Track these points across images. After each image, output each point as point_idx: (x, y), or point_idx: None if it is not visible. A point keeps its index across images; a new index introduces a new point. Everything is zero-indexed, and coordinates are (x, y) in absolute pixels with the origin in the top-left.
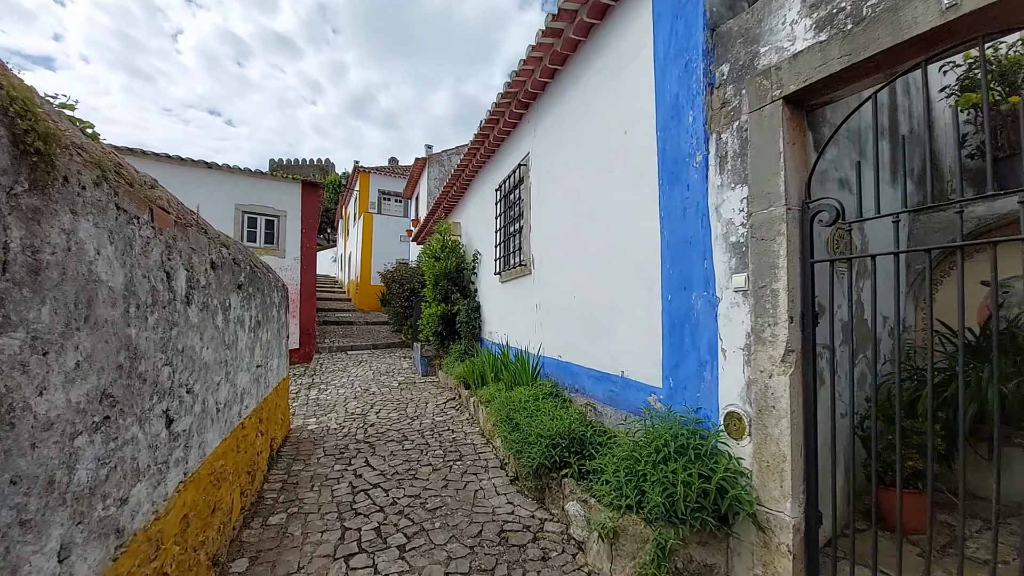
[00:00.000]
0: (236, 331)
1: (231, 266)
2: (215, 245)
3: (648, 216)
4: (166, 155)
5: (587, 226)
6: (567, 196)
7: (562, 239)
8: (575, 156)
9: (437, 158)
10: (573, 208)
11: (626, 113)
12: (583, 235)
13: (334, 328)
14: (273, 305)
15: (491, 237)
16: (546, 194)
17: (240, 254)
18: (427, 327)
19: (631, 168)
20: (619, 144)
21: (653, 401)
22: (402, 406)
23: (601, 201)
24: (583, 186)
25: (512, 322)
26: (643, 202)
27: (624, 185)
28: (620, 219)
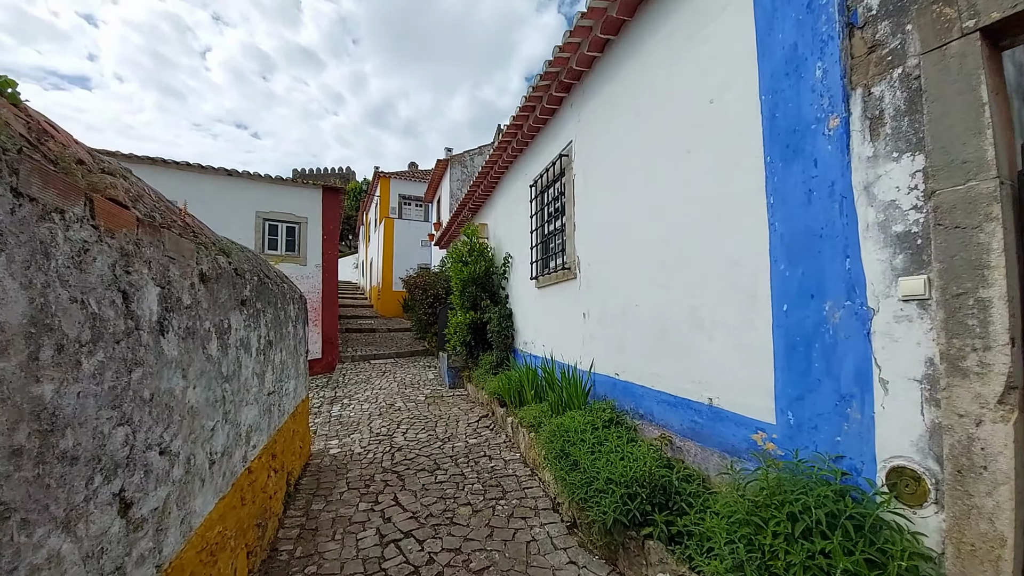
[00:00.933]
0: (239, 358)
1: (231, 279)
2: (207, 253)
3: (747, 203)
4: (187, 163)
5: (653, 221)
6: (624, 187)
7: (618, 238)
8: (634, 140)
9: (459, 159)
10: (633, 201)
11: (710, 81)
12: (648, 232)
13: (356, 336)
14: (288, 320)
15: (525, 238)
16: (595, 187)
17: (246, 263)
18: (455, 336)
19: (719, 146)
20: (700, 119)
21: (761, 440)
22: (431, 424)
23: (673, 190)
24: (647, 174)
25: (552, 333)
26: (738, 186)
27: (708, 168)
28: (702, 209)
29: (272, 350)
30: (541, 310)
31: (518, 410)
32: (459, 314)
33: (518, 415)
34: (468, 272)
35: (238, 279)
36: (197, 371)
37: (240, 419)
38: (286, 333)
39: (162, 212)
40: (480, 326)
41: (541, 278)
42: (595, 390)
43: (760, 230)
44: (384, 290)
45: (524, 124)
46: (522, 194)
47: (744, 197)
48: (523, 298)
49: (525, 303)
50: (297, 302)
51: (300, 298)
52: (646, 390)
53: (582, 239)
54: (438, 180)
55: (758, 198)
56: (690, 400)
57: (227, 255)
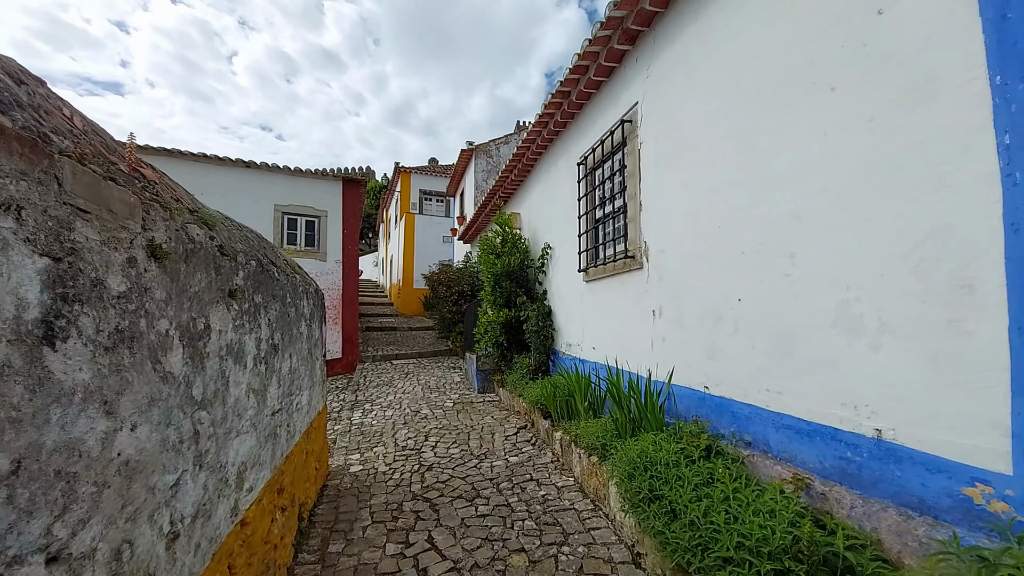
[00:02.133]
0: (224, 371)
1: (211, 259)
2: (169, 217)
3: (954, 149)
4: (203, 155)
5: (769, 190)
6: (718, 151)
7: (707, 216)
8: (736, 87)
9: (484, 149)
10: (734, 166)
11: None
12: (759, 205)
13: (377, 335)
14: (301, 318)
15: (569, 225)
16: (672, 155)
17: (240, 242)
18: (485, 336)
19: (895, 73)
20: (856, 41)
21: (982, 498)
22: (463, 436)
23: (805, 145)
24: (757, 129)
25: (606, 334)
26: (936, 126)
27: (872, 107)
28: (861, 168)
29: (278, 357)
30: (591, 307)
31: (568, 424)
32: (490, 312)
33: (570, 431)
34: (501, 265)
35: (224, 261)
36: (139, 400)
37: (227, 457)
38: (298, 334)
39: (79, 139)
40: (514, 325)
41: (591, 270)
42: (674, 405)
43: (983, 186)
44: (405, 287)
45: (573, 90)
46: (565, 175)
47: (947, 141)
48: (566, 293)
49: (569, 299)
50: (313, 297)
51: (316, 292)
52: (757, 411)
53: (651, 221)
54: (461, 171)
55: (979, 139)
56: (837, 429)
57: (208, 227)
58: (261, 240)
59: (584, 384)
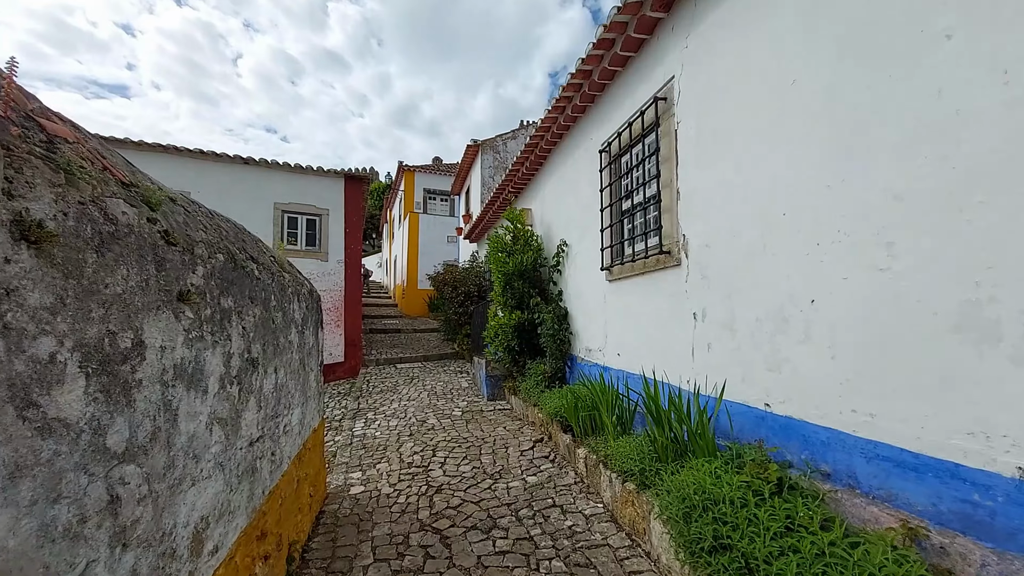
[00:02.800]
0: (173, 402)
1: (152, 249)
2: (73, 187)
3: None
4: (199, 151)
5: (856, 167)
6: (785, 123)
7: (770, 201)
8: (809, 41)
9: (491, 144)
10: (808, 139)
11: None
12: (844, 185)
13: (381, 337)
14: (291, 325)
15: (589, 220)
16: (718, 134)
17: (201, 229)
18: (496, 340)
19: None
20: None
21: None
22: (474, 451)
23: (909, 108)
24: (843, 92)
25: (635, 338)
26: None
27: (996, 61)
28: (992, 134)
29: (257, 373)
30: (615, 309)
31: (593, 441)
32: (502, 314)
33: (597, 450)
34: (513, 264)
35: (172, 253)
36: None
37: (176, 519)
38: (286, 344)
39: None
40: (527, 328)
41: (616, 268)
42: (724, 424)
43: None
44: (409, 288)
45: (596, 68)
46: (584, 165)
47: None
48: (585, 294)
49: (588, 300)
50: (306, 299)
51: (311, 294)
52: (839, 436)
53: (692, 211)
54: (467, 168)
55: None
56: (959, 465)
57: (148, 206)
58: (239, 231)
59: (611, 396)
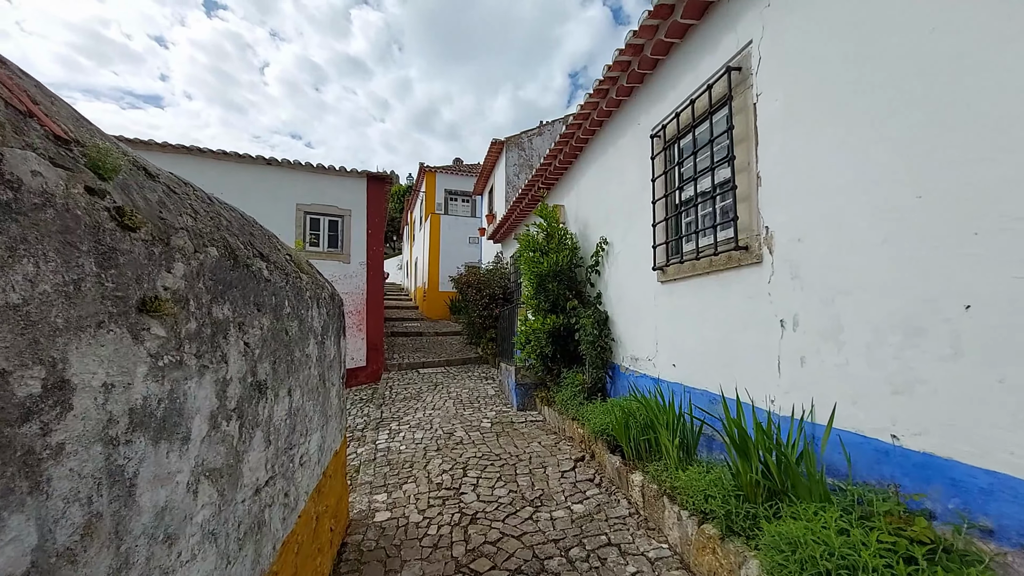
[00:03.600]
0: (128, 466)
1: (90, 233)
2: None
3: None
4: (223, 152)
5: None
6: (921, 82)
7: (899, 181)
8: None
9: (516, 141)
10: (954, 102)
11: None
12: (1014, 155)
13: (402, 340)
14: (310, 335)
15: (636, 215)
16: (822, 101)
17: (183, 214)
18: (527, 346)
19: None
20: None
21: None
22: (508, 470)
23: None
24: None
25: (695, 347)
26: None
27: None
28: None
29: (265, 400)
30: (669, 313)
31: (652, 468)
32: (535, 318)
33: (659, 478)
34: (548, 264)
35: (129, 241)
36: None
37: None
38: (303, 358)
39: None
40: (563, 334)
41: (670, 267)
42: (829, 457)
43: None
44: (430, 291)
45: (649, 42)
46: (630, 153)
47: None
48: (630, 296)
49: (634, 303)
50: (327, 304)
51: (332, 298)
52: (1010, 483)
53: (777, 199)
54: (491, 166)
55: None
56: None
57: (97, 173)
58: (245, 223)
59: (671, 415)
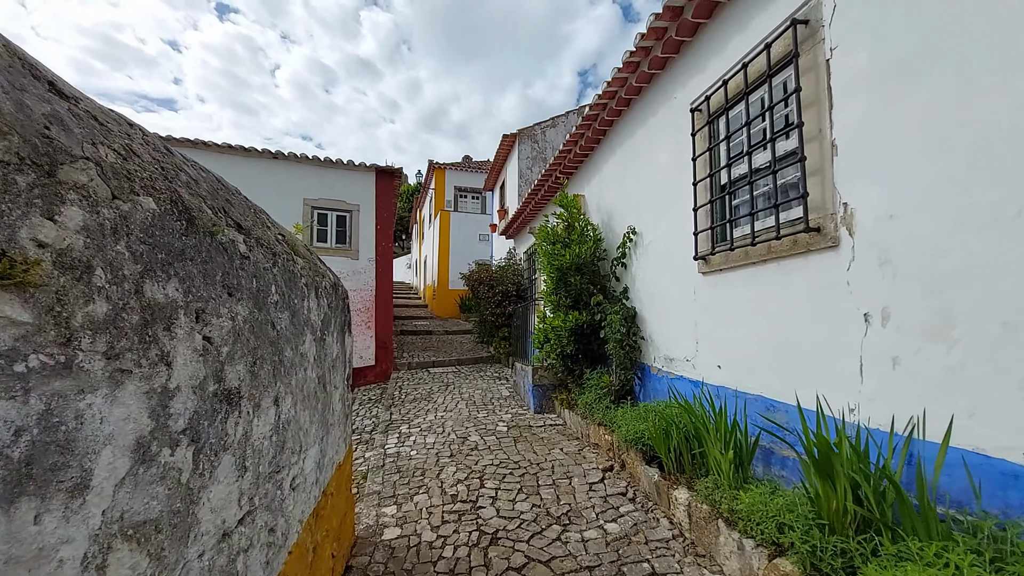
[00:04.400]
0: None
1: None
2: None
3: None
4: (228, 145)
5: None
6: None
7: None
8: None
9: (528, 133)
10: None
11: None
12: None
13: (412, 339)
14: (305, 329)
15: (671, 200)
16: (931, 43)
17: (87, 137)
18: (547, 345)
19: None
20: None
21: None
22: (529, 480)
23: None
24: None
25: (747, 346)
26: None
27: None
28: None
29: (239, 414)
30: (713, 307)
31: (697, 483)
32: (556, 315)
33: (713, 499)
34: (570, 256)
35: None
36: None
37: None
38: (296, 358)
39: None
40: (586, 332)
41: (715, 257)
42: (942, 482)
43: None
44: (440, 289)
45: (689, 5)
46: (663, 132)
47: None
48: (663, 290)
49: (669, 298)
50: (328, 295)
51: (335, 289)
52: None
53: (860, 170)
54: (503, 160)
55: None
56: None
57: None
58: (220, 187)
59: (723, 425)
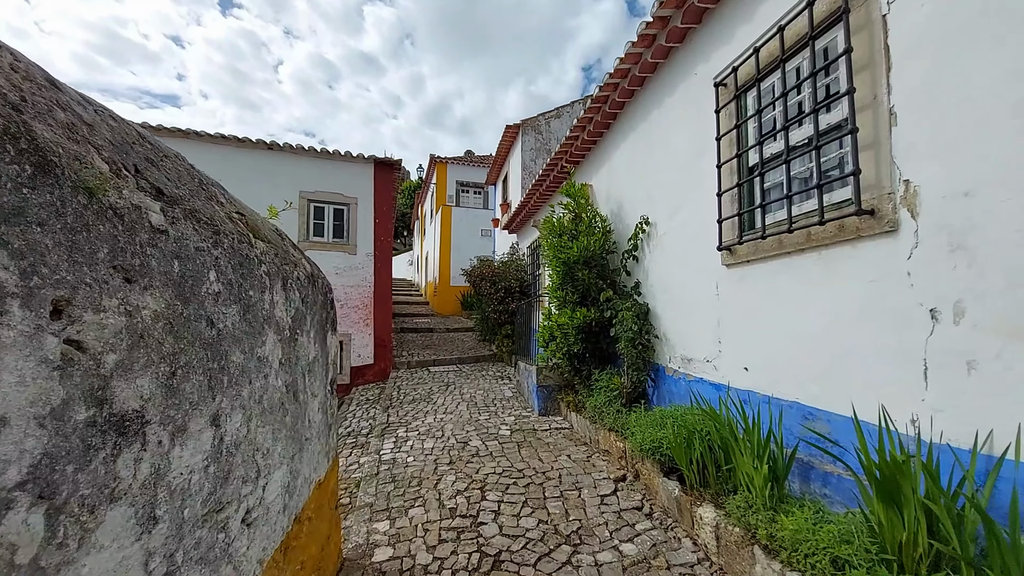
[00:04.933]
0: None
1: None
2: None
3: None
4: (220, 136)
5: None
6: None
7: None
8: None
9: (533, 124)
10: None
11: None
12: None
13: (412, 337)
14: (265, 328)
15: (687, 186)
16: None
17: None
18: (553, 343)
19: None
20: None
21: None
22: (535, 491)
23: None
24: None
25: (778, 347)
26: None
27: None
28: None
29: (144, 445)
30: (739, 302)
31: (726, 500)
32: (562, 312)
33: (748, 522)
34: (579, 249)
35: None
36: None
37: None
38: (249, 365)
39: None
40: (595, 330)
41: (744, 246)
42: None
43: None
44: (441, 286)
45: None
46: (682, 111)
47: None
48: (680, 284)
49: (688, 292)
50: (300, 288)
51: (312, 281)
52: None
53: (928, 141)
54: (505, 152)
55: None
56: None
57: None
58: (150, 149)
59: (755, 435)
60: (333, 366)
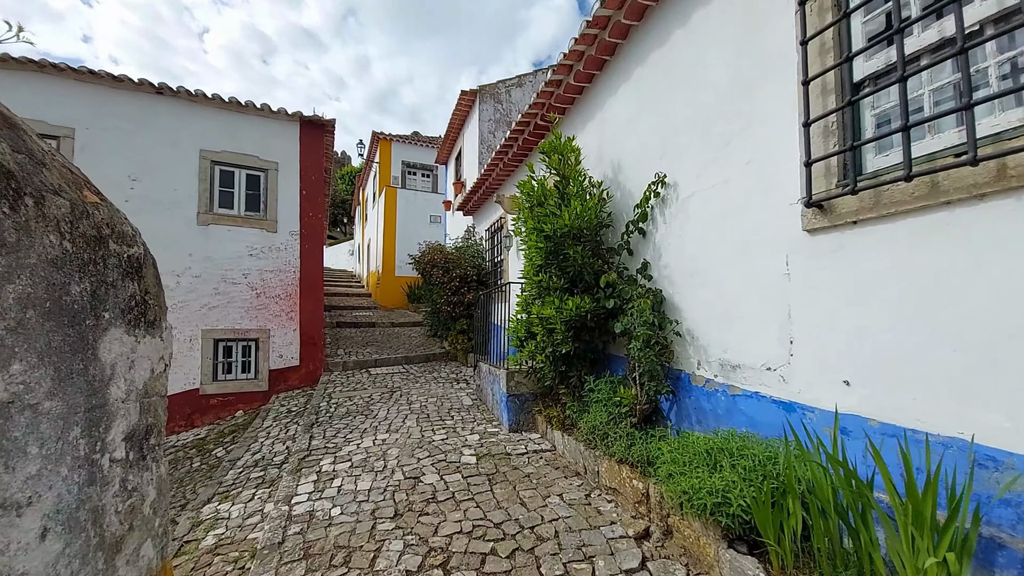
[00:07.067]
0: None
1: None
2: None
3: None
4: (88, 71)
5: None
6: None
7: None
8: None
9: (491, 91)
10: None
11: None
12: None
13: (350, 333)
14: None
15: (732, 128)
16: None
17: None
18: (533, 342)
19: None
20: None
21: None
22: (528, 570)
23: None
24: None
25: (903, 354)
26: None
27: None
28: None
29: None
30: (829, 286)
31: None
32: (545, 302)
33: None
34: (570, 218)
35: None
36: None
37: None
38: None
39: None
40: (590, 325)
41: (845, 198)
42: None
43: None
44: (385, 275)
45: None
46: (718, 29)
47: None
48: (717, 264)
49: (729, 274)
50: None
51: (71, 222)
52: None
53: None
54: (460, 122)
55: None
56: None
57: None
58: None
59: (928, 501)
60: (144, 401)
